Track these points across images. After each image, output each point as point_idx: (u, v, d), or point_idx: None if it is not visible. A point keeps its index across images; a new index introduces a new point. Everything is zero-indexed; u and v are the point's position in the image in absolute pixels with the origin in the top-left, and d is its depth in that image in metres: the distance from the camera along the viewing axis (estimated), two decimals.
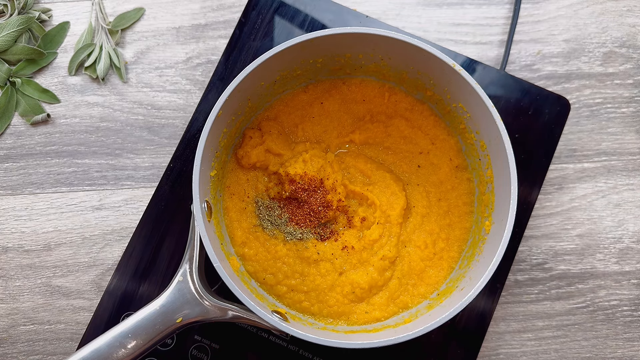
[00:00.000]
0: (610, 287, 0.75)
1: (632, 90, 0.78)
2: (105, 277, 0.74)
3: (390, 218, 0.68)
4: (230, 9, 0.79)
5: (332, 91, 0.72)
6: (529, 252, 0.75)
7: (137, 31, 0.79)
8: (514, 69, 0.78)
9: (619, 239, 0.76)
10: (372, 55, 0.66)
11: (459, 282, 0.64)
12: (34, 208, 0.76)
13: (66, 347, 0.73)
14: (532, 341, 0.74)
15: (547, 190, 0.76)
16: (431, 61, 0.62)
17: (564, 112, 0.73)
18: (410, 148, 0.71)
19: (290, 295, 0.67)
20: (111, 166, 0.76)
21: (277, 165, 0.70)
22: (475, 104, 0.62)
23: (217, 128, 0.61)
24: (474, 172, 0.69)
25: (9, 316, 0.74)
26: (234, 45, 0.75)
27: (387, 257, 0.67)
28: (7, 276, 0.75)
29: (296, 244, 0.68)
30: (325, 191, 0.69)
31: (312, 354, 0.69)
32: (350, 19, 0.75)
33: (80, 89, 0.78)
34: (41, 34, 0.78)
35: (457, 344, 0.70)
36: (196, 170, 0.58)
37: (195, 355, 0.69)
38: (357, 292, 0.66)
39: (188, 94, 0.78)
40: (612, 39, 0.79)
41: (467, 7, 0.80)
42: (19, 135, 0.77)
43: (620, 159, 0.77)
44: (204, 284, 0.61)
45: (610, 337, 0.74)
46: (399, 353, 0.69)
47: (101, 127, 0.77)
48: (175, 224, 0.71)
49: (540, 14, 0.79)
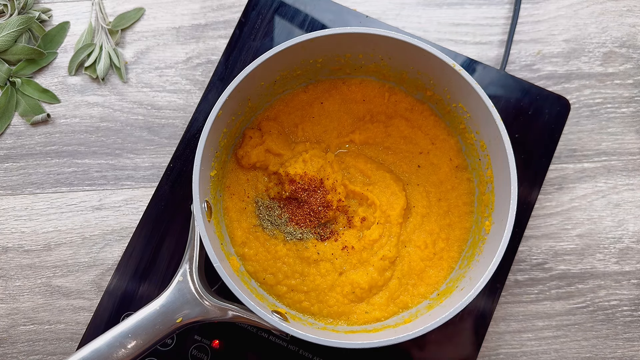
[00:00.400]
0: (610, 287, 0.75)
1: (632, 90, 0.78)
2: (105, 277, 0.74)
3: (390, 218, 0.68)
4: (230, 9, 0.79)
5: (332, 91, 0.72)
6: (529, 252, 0.75)
7: (137, 31, 0.79)
8: (514, 69, 0.78)
9: (619, 239, 0.76)
10: (372, 55, 0.66)
11: (459, 282, 0.64)
12: (34, 208, 0.76)
13: (66, 347, 0.73)
14: (532, 341, 0.74)
15: (547, 190, 0.76)
16: (431, 61, 0.62)
17: (564, 112, 0.73)
18: (410, 148, 0.71)
19: (290, 295, 0.67)
20: (111, 166, 0.76)
21: (277, 165, 0.70)
22: (475, 104, 0.62)
23: (217, 128, 0.61)
24: (474, 172, 0.69)
25: (9, 316, 0.74)
26: (234, 45, 0.75)
27: (387, 257, 0.67)
28: (7, 276, 0.75)
29: (296, 244, 0.68)
30: (325, 191, 0.69)
31: (312, 354, 0.69)
32: (350, 19, 0.75)
33: (80, 89, 0.78)
34: (41, 34, 0.78)
35: (457, 344, 0.70)
36: (196, 170, 0.58)
37: (195, 355, 0.69)
38: (357, 292, 0.66)
39: (188, 94, 0.78)
40: (612, 39, 0.79)
41: (467, 7, 0.80)
42: (19, 135, 0.77)
43: (620, 159, 0.77)
44: (204, 284, 0.61)
45: (610, 337, 0.74)
46: (399, 353, 0.69)
47: (101, 127, 0.77)
48: (175, 224, 0.71)
49: (540, 14, 0.79)
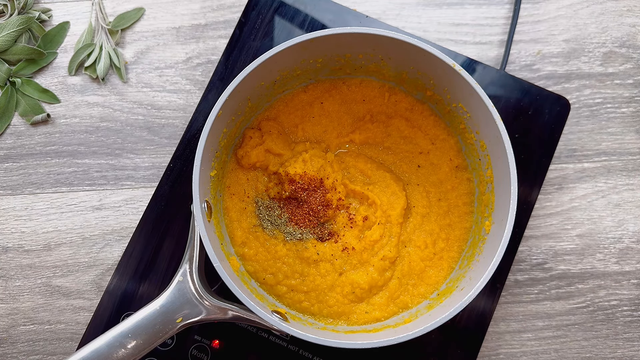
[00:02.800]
0: (610, 287, 0.75)
1: (632, 90, 0.78)
2: (105, 277, 0.74)
3: (390, 218, 0.68)
4: (230, 9, 0.79)
5: (332, 91, 0.72)
6: (529, 252, 0.75)
7: (137, 31, 0.79)
8: (514, 69, 0.78)
9: (619, 239, 0.76)
10: (372, 55, 0.66)
11: (459, 282, 0.64)
12: (34, 208, 0.76)
13: (66, 347, 0.73)
14: (532, 341, 0.74)
15: (547, 190, 0.76)
16: (431, 61, 0.62)
17: (564, 112, 0.73)
18: (410, 148, 0.71)
19: (290, 295, 0.67)
20: (111, 166, 0.76)
21: (277, 165, 0.69)
22: (475, 104, 0.62)
23: (217, 128, 0.61)
24: (474, 172, 0.69)
25: (9, 316, 0.74)
26: (234, 45, 0.75)
27: (387, 257, 0.67)
28: (7, 276, 0.75)
29: (296, 244, 0.68)
30: (325, 190, 0.69)
31: (312, 354, 0.69)
32: (350, 19, 0.75)
33: (80, 89, 0.78)
34: (41, 34, 0.78)
35: (457, 344, 0.70)
36: (196, 170, 0.58)
37: (195, 355, 0.69)
38: (357, 292, 0.66)
39: (188, 94, 0.78)
40: (612, 39, 0.79)
41: (467, 7, 0.80)
42: (19, 135, 0.77)
43: (620, 159, 0.77)
44: (204, 284, 0.61)
45: (610, 337, 0.74)
46: (399, 353, 0.69)
47: (101, 127, 0.77)
48: (175, 224, 0.71)
49: (540, 14, 0.79)
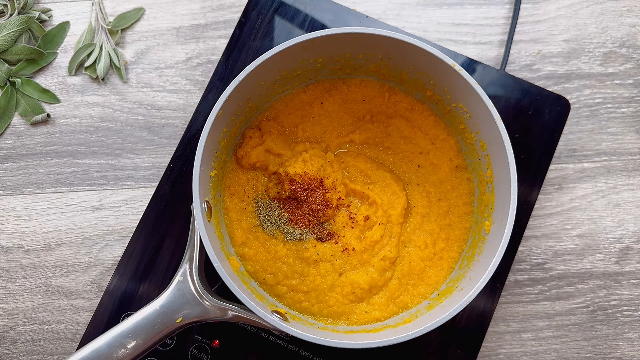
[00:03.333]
0: (610, 287, 0.75)
1: (632, 90, 0.78)
2: (105, 277, 0.74)
3: (391, 218, 0.68)
4: (230, 9, 0.79)
5: (332, 91, 0.72)
6: (529, 252, 0.75)
7: (137, 31, 0.79)
8: (514, 69, 0.78)
9: (619, 239, 0.76)
10: (372, 55, 0.66)
11: (459, 282, 0.64)
12: (34, 208, 0.76)
13: (66, 347, 0.73)
14: (532, 341, 0.74)
15: (547, 190, 0.76)
16: (431, 61, 0.62)
17: (564, 112, 0.73)
18: (410, 148, 0.71)
19: (290, 295, 0.67)
20: (111, 166, 0.76)
21: (277, 165, 0.69)
22: (475, 104, 0.62)
23: (217, 128, 0.61)
24: (474, 172, 0.69)
25: (9, 316, 0.74)
26: (234, 45, 0.75)
27: (387, 257, 0.67)
28: (7, 276, 0.75)
29: (296, 244, 0.68)
30: (324, 190, 0.69)
31: (312, 354, 0.69)
32: (350, 19, 0.75)
33: (80, 89, 0.78)
34: (41, 34, 0.78)
35: (457, 344, 0.70)
36: (196, 170, 0.58)
37: (195, 355, 0.69)
38: (357, 292, 0.66)
39: (188, 94, 0.78)
40: (612, 39, 0.79)
41: (467, 7, 0.80)
42: (19, 135, 0.77)
43: (620, 159, 0.77)
44: (204, 284, 0.61)
45: (610, 337, 0.74)
46: (399, 353, 0.69)
47: (101, 127, 0.77)
48: (175, 224, 0.71)
49: (540, 14, 0.79)
